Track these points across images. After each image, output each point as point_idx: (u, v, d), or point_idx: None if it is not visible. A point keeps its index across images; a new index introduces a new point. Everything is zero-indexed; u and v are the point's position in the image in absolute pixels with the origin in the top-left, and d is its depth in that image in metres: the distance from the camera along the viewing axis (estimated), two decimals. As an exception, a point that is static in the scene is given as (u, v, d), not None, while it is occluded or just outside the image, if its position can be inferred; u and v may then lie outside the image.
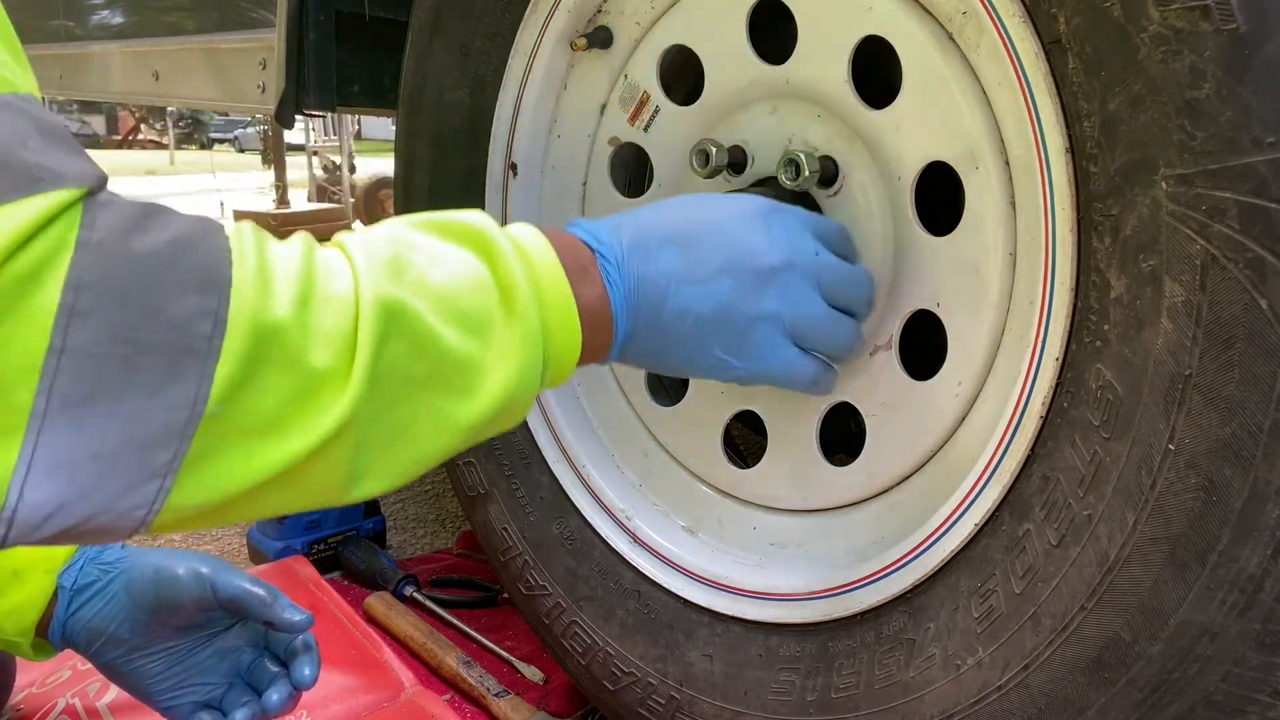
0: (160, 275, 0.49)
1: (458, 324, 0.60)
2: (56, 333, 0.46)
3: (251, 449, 0.53)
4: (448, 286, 0.60)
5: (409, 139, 1.23)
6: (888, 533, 0.91)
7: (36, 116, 0.49)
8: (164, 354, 0.49)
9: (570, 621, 1.11)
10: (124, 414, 0.48)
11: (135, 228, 0.50)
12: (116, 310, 0.47)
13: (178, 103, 2.18)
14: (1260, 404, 0.60)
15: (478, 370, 0.61)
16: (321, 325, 0.54)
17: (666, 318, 0.72)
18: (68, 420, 0.47)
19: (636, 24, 1.06)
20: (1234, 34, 0.58)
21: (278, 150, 7.57)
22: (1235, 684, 0.64)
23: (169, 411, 0.49)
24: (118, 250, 0.48)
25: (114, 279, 0.48)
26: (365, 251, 0.59)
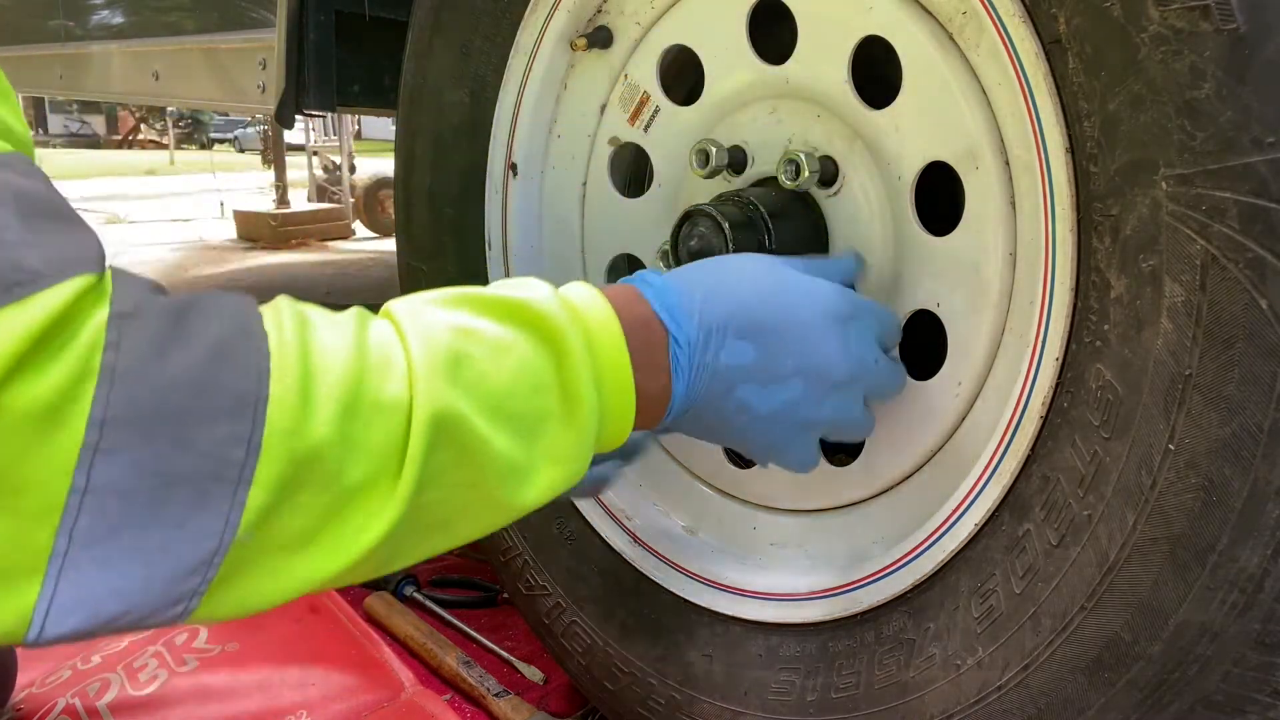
0: (192, 402, 0.46)
1: (511, 429, 0.57)
2: (80, 473, 0.43)
3: (281, 568, 0.51)
4: (506, 387, 0.57)
5: (409, 139, 1.23)
6: (888, 533, 0.91)
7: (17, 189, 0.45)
8: (193, 485, 0.46)
9: (570, 621, 1.11)
10: (148, 548, 0.46)
11: (165, 343, 0.46)
12: (145, 445, 0.44)
13: (178, 103, 2.18)
14: (1260, 404, 0.60)
15: (525, 473, 0.59)
16: (366, 439, 0.51)
17: (723, 409, 0.70)
18: (90, 557, 0.44)
19: (636, 24, 1.06)
20: (1234, 34, 0.58)
21: (278, 150, 7.57)
22: (1235, 684, 0.64)
23: (196, 543, 0.47)
24: (147, 377, 0.45)
25: (143, 411, 0.44)
26: (423, 340, 0.55)
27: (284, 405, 0.48)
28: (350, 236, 6.74)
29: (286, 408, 0.48)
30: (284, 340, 0.50)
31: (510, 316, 0.59)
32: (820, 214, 0.93)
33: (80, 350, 0.43)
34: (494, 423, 0.56)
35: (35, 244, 0.44)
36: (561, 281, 1.09)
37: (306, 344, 0.50)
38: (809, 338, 0.72)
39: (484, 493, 0.57)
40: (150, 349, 0.45)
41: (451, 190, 1.20)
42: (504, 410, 0.57)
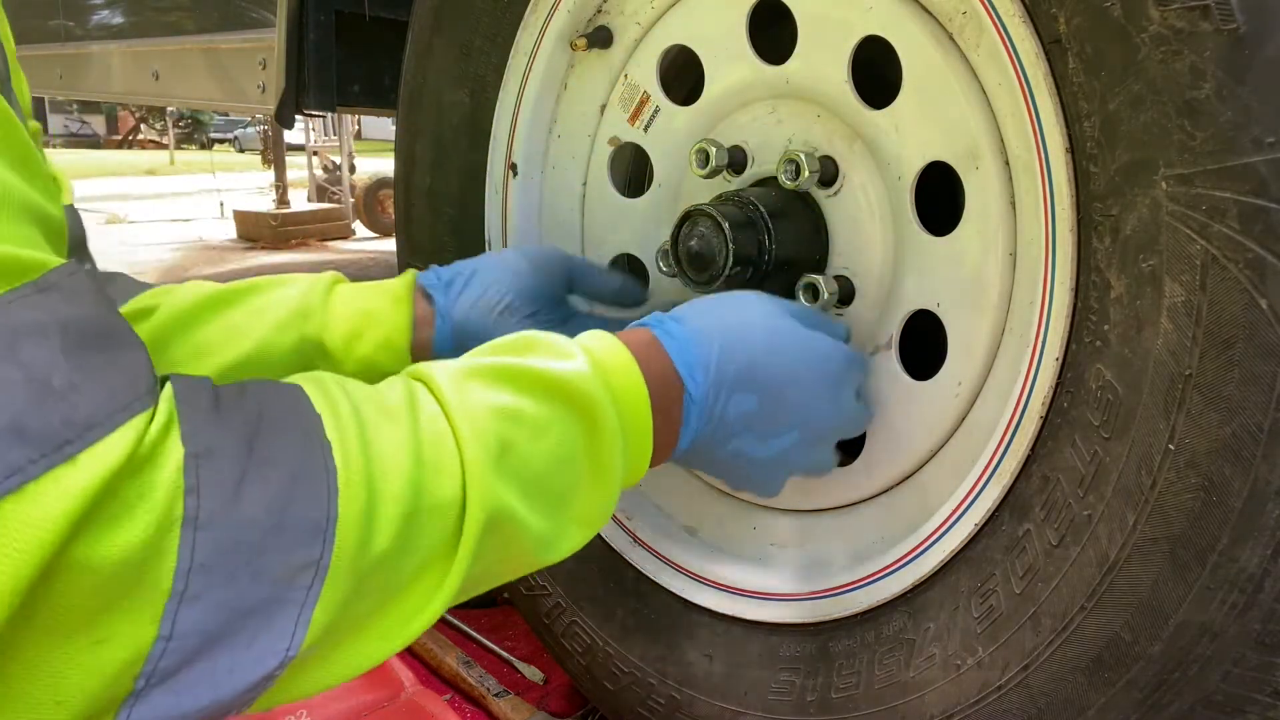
0: (269, 539, 0.47)
1: (545, 505, 0.61)
2: (165, 621, 0.44)
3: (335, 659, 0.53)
4: (545, 468, 0.60)
5: (409, 139, 1.23)
6: (888, 533, 0.91)
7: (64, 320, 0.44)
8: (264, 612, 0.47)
9: (570, 621, 1.11)
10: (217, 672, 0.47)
11: (242, 481, 0.46)
12: (226, 586, 0.45)
13: (178, 103, 2.18)
14: (1260, 404, 0.60)
15: (555, 540, 0.62)
16: (422, 539, 0.54)
17: (718, 452, 0.75)
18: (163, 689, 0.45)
19: (636, 24, 1.06)
20: (1234, 34, 0.58)
21: (278, 150, 7.57)
22: (1235, 684, 0.64)
23: (261, 661, 0.48)
24: (229, 520, 0.45)
25: (225, 553, 0.45)
26: (472, 429, 0.57)
27: (351, 526, 0.50)
28: (350, 236, 6.74)
29: (353, 528, 0.50)
30: (348, 454, 0.51)
31: (549, 394, 0.62)
32: (820, 214, 0.93)
33: (161, 500, 0.43)
34: (532, 504, 0.59)
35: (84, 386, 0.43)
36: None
37: (369, 454, 0.52)
38: (809, 397, 0.78)
39: (517, 562, 0.62)
40: (229, 490, 0.46)
41: (451, 190, 1.20)
42: (542, 490, 0.60)
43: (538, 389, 0.62)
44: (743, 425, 0.74)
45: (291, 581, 0.48)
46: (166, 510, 0.43)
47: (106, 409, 0.43)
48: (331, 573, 0.49)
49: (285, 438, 0.49)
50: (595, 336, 0.69)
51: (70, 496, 0.40)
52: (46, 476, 0.40)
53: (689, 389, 0.70)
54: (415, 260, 1.25)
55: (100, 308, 0.46)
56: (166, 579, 0.43)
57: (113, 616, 0.43)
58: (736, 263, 0.89)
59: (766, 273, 0.90)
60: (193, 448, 0.45)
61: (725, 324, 0.75)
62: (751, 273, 0.91)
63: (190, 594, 0.44)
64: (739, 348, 0.73)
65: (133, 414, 0.43)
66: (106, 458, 0.42)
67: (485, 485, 0.56)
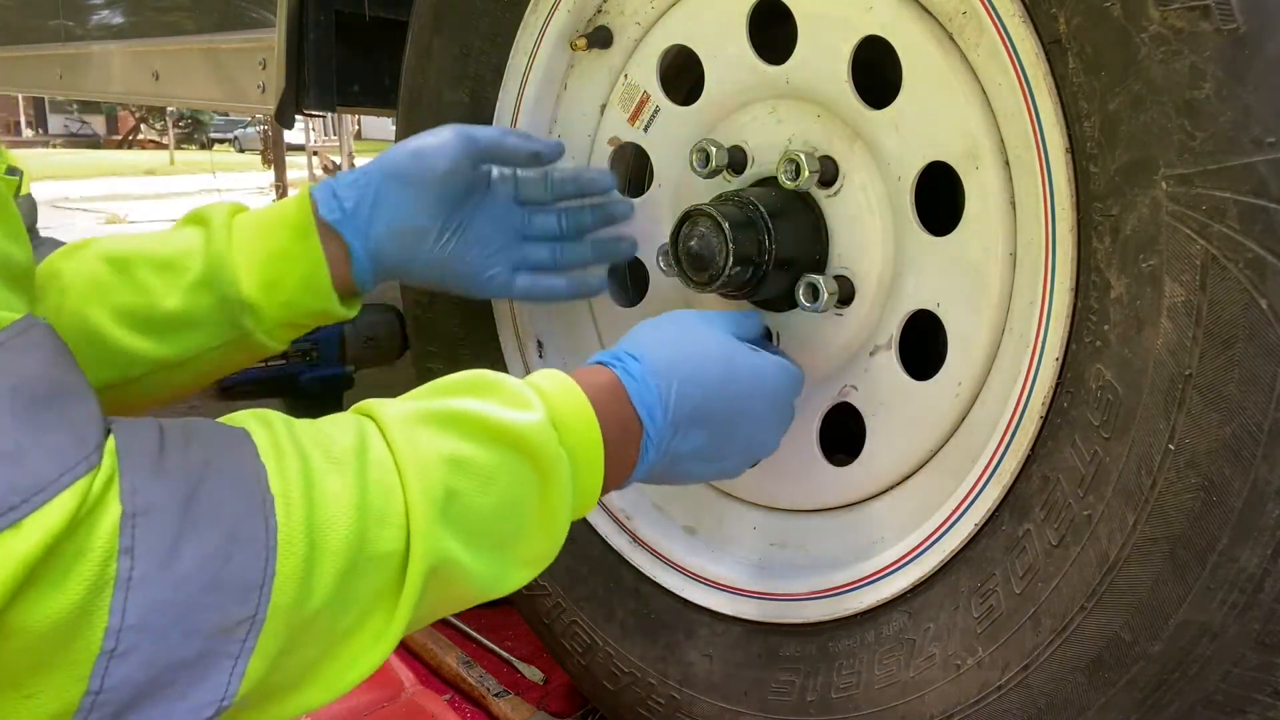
0: (203, 597, 0.47)
1: (491, 552, 0.61)
2: (95, 677, 0.44)
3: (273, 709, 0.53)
4: (491, 515, 0.61)
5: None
6: (887, 533, 0.91)
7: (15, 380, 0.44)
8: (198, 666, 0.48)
9: (570, 621, 1.11)
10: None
11: (178, 539, 0.47)
12: (158, 644, 0.46)
13: (178, 103, 2.18)
14: (1260, 404, 0.60)
15: (499, 581, 0.63)
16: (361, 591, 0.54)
17: (667, 475, 0.78)
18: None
19: (636, 24, 1.06)
20: (1234, 34, 0.58)
21: (278, 150, 7.56)
22: (1235, 684, 0.64)
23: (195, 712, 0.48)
24: (162, 580, 0.46)
25: (157, 613, 0.46)
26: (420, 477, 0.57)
27: (289, 581, 0.50)
28: (350, 236, 6.73)
29: (291, 583, 0.50)
30: (291, 508, 0.51)
31: (501, 443, 0.62)
32: (820, 214, 0.93)
33: (94, 561, 0.44)
34: (477, 551, 0.60)
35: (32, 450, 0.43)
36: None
37: (312, 505, 0.52)
38: (757, 426, 0.83)
39: (460, 602, 0.63)
40: (165, 550, 0.46)
41: (451, 190, 1.20)
42: (487, 536, 0.61)
43: (489, 438, 0.62)
44: (692, 456, 0.77)
45: (227, 636, 0.48)
46: (100, 571, 0.44)
47: (54, 471, 0.43)
48: (267, 627, 0.49)
49: (227, 492, 0.50)
50: (554, 381, 0.69)
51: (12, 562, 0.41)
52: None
53: (647, 429, 0.72)
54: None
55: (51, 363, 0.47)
56: (97, 638, 0.44)
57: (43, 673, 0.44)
58: (736, 263, 0.89)
59: (766, 273, 0.90)
60: (130, 507, 0.46)
61: (683, 357, 0.77)
62: (751, 273, 0.91)
63: (120, 651, 0.45)
64: (695, 383, 0.76)
65: (78, 475, 0.44)
66: (49, 522, 0.42)
67: (429, 536, 0.56)
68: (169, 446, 0.50)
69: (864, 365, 0.93)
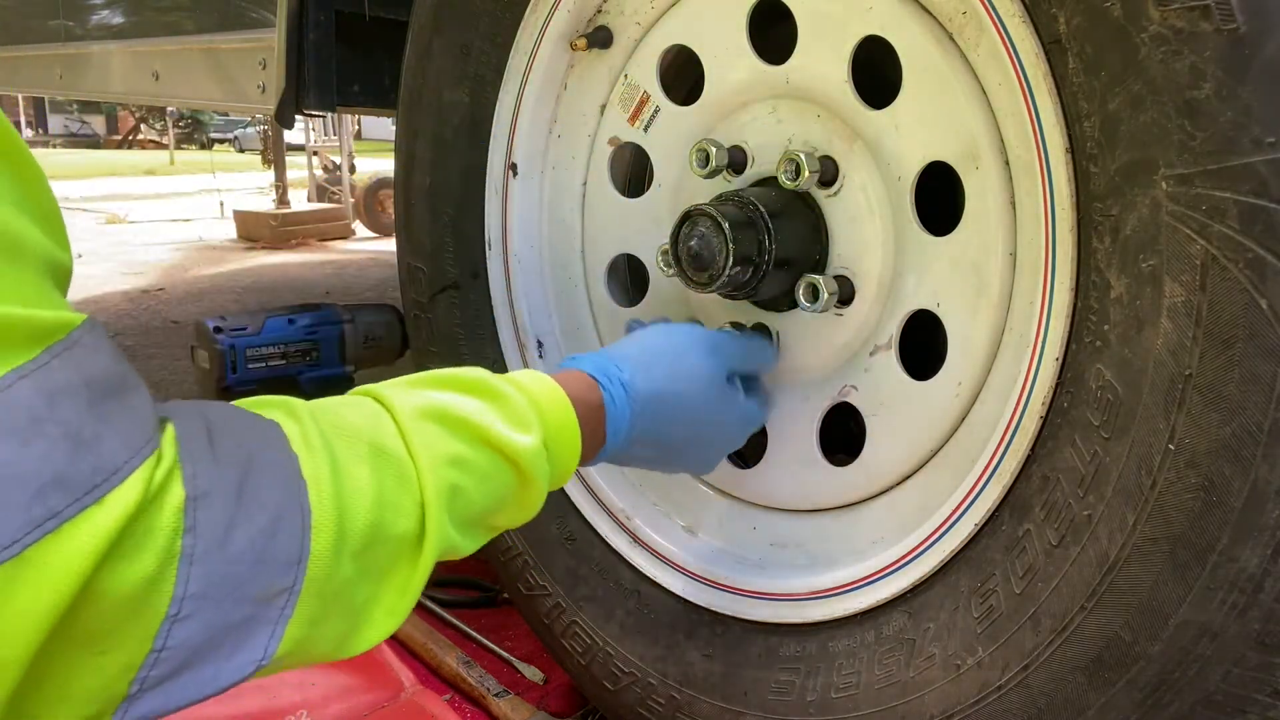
0: (252, 571, 0.54)
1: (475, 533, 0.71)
2: (159, 638, 0.51)
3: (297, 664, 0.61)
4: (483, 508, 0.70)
5: (409, 139, 1.23)
6: (888, 533, 0.91)
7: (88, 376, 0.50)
8: (244, 629, 0.55)
9: (570, 621, 1.11)
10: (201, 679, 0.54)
11: (232, 521, 0.54)
12: (213, 609, 0.53)
13: (178, 103, 2.18)
14: (1260, 404, 0.60)
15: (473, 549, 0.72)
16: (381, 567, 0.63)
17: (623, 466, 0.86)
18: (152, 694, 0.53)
19: (636, 24, 1.06)
20: (1234, 34, 0.58)
21: (278, 150, 7.56)
22: (1235, 684, 0.64)
23: (239, 669, 0.56)
24: (220, 555, 0.53)
25: (214, 583, 0.52)
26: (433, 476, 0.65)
27: (322, 558, 0.58)
28: (350, 236, 6.73)
29: (323, 560, 0.58)
30: (321, 494, 0.59)
31: (500, 455, 0.70)
32: (820, 214, 0.93)
33: (164, 537, 0.50)
34: (466, 534, 0.70)
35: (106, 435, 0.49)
36: (561, 282, 1.11)
37: (340, 491, 0.60)
38: (702, 452, 0.90)
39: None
40: (221, 530, 0.53)
41: (451, 190, 1.20)
42: (475, 523, 0.71)
43: (491, 449, 0.70)
44: (631, 459, 0.85)
45: (269, 604, 0.56)
46: (168, 547, 0.50)
47: (124, 454, 0.49)
48: (303, 596, 0.57)
49: (268, 479, 0.57)
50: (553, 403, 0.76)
51: (99, 534, 0.47)
52: (80, 517, 0.47)
53: (609, 443, 0.80)
54: (415, 260, 1.25)
55: (113, 358, 0.53)
56: (164, 604, 0.51)
57: (116, 632, 0.50)
58: (736, 263, 0.89)
59: (766, 273, 0.90)
60: (192, 491, 0.52)
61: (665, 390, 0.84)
62: (751, 273, 0.91)
63: (182, 616, 0.51)
64: (665, 415, 0.84)
65: (144, 458, 0.50)
66: (126, 499, 0.48)
67: (440, 526, 0.65)
68: (217, 436, 0.57)
69: (864, 365, 0.93)
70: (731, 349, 0.91)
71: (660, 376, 0.84)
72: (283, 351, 1.51)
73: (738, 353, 0.91)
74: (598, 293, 1.16)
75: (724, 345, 0.90)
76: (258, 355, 1.50)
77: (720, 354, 0.88)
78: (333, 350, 1.56)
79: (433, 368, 1.24)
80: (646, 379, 0.83)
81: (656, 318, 1.03)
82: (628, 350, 0.85)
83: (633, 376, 0.82)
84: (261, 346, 1.50)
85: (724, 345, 0.90)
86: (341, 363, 1.58)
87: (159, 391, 2.64)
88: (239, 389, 1.50)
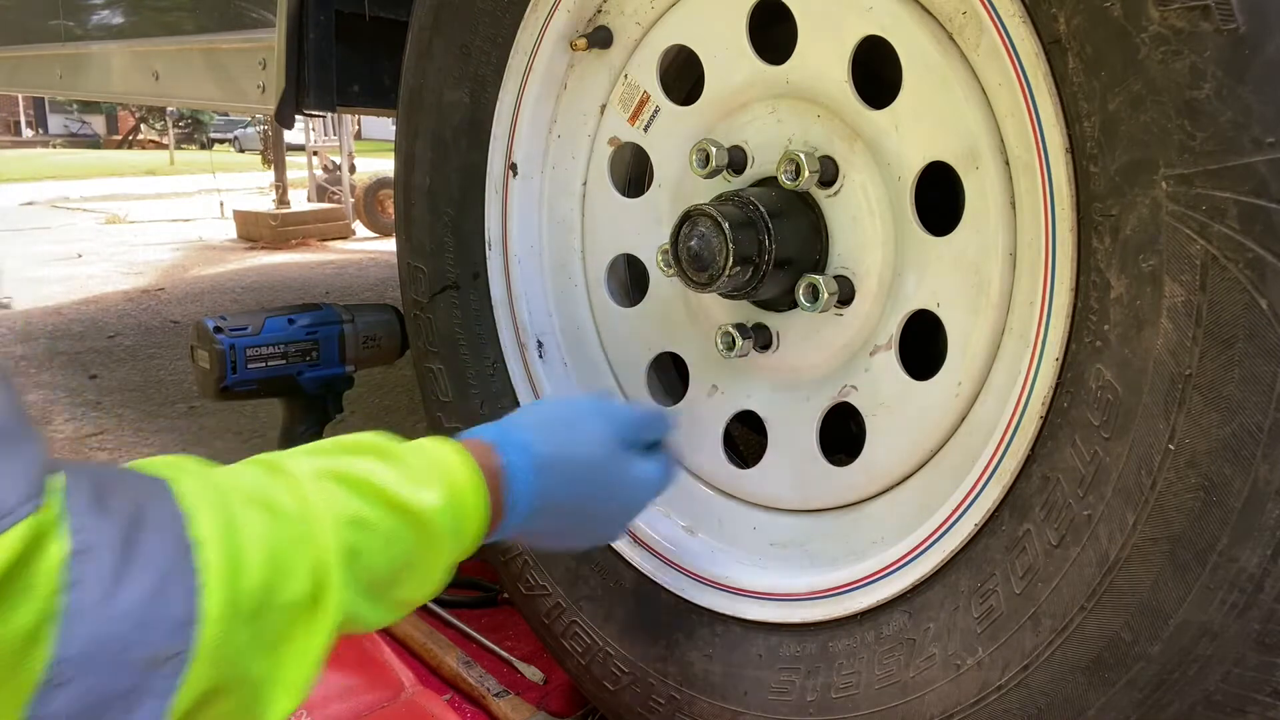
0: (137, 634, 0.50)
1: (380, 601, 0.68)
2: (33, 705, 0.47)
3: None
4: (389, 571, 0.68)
5: (409, 139, 1.23)
6: (887, 533, 0.91)
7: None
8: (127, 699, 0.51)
9: (570, 621, 1.11)
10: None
11: (117, 577, 0.50)
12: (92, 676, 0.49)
13: (178, 103, 2.18)
14: (1260, 404, 0.60)
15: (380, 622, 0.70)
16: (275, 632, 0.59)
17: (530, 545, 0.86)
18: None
19: (636, 24, 1.06)
20: (1234, 34, 0.58)
21: (278, 150, 7.56)
22: (1235, 684, 0.64)
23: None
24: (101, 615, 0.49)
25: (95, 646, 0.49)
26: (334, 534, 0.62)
27: (213, 622, 0.54)
28: (350, 236, 6.73)
29: (215, 624, 0.54)
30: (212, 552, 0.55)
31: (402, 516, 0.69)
32: (820, 214, 0.93)
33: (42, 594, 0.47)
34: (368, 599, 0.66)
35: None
36: (561, 282, 1.10)
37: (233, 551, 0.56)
38: (601, 526, 0.90)
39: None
40: (104, 587, 0.50)
41: (451, 190, 1.20)
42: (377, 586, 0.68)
43: (392, 509, 0.68)
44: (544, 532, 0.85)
45: (155, 671, 0.52)
46: (47, 603, 0.47)
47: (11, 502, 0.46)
48: (194, 664, 0.53)
49: (157, 537, 0.53)
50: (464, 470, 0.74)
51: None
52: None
53: (511, 510, 0.78)
54: (415, 260, 1.25)
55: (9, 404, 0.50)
56: (39, 667, 0.47)
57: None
58: (736, 263, 0.89)
59: (766, 273, 0.90)
60: (76, 544, 0.49)
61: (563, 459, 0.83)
62: (751, 273, 0.91)
63: (58, 681, 0.47)
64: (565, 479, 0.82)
65: (31, 510, 0.47)
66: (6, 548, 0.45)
67: (339, 588, 0.62)
68: (105, 490, 0.53)
69: (864, 365, 0.93)
70: (626, 416, 0.90)
71: (558, 441, 0.83)
72: (283, 351, 1.51)
73: (633, 420, 0.90)
74: (598, 293, 1.16)
75: (619, 413, 0.90)
76: (258, 355, 1.49)
77: (616, 421, 0.88)
78: (333, 350, 1.56)
79: (433, 367, 1.24)
80: (544, 443, 0.82)
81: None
82: (524, 419, 0.86)
83: (531, 442, 0.81)
84: (261, 346, 1.50)
85: (619, 413, 0.90)
86: (341, 363, 1.58)
87: (159, 391, 2.65)
88: (239, 389, 1.50)
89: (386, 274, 4.86)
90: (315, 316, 1.57)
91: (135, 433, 2.35)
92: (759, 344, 0.99)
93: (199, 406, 2.52)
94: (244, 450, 2.23)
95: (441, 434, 0.79)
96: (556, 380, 1.18)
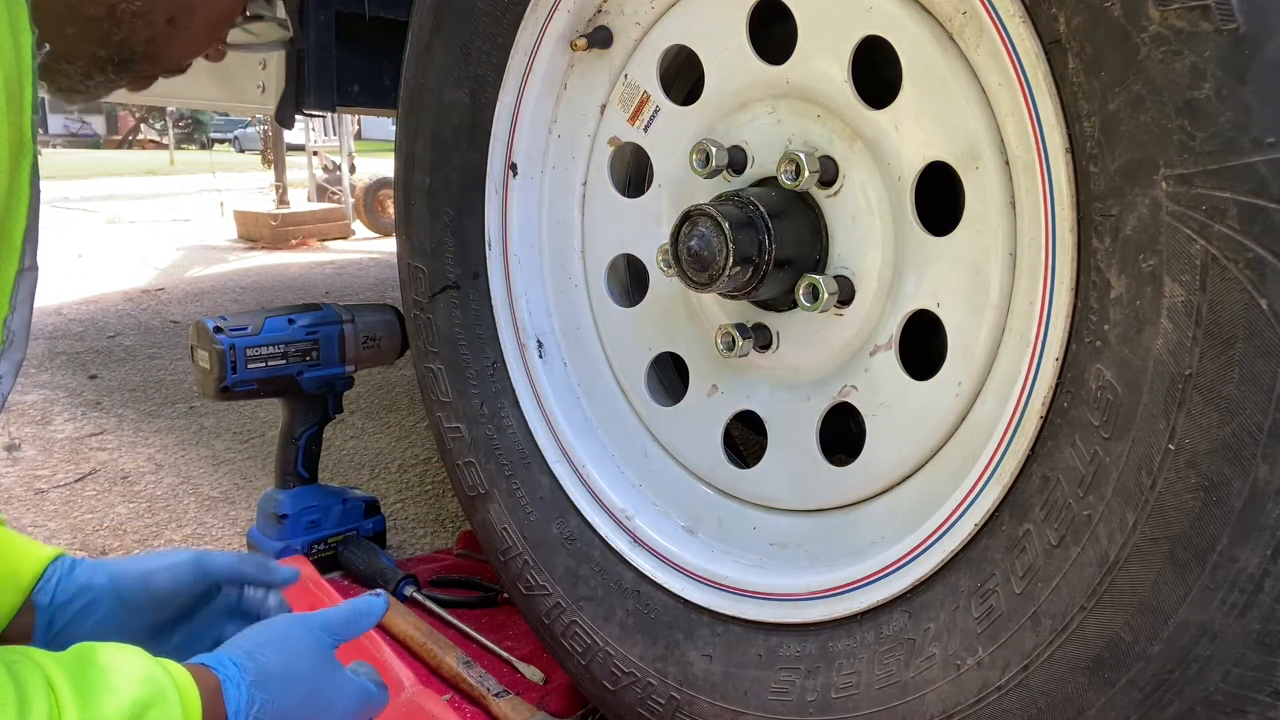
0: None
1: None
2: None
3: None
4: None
5: (409, 139, 1.23)
6: (887, 533, 0.91)
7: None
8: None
9: (570, 621, 1.11)
10: None
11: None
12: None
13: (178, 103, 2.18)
14: (1260, 404, 0.60)
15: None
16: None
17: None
18: None
19: (636, 24, 1.06)
20: (1234, 34, 0.58)
21: (278, 150, 7.56)
22: (1235, 684, 0.64)
23: None
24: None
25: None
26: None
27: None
28: (350, 236, 6.73)
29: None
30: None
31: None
32: (820, 214, 0.93)
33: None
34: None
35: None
36: (561, 282, 1.10)
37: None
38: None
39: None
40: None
41: (451, 190, 1.20)
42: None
43: None
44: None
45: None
46: None
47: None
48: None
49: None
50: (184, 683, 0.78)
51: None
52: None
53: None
54: (415, 260, 1.25)
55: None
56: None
57: None
58: (736, 263, 0.89)
59: (766, 273, 0.90)
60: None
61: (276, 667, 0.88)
62: (751, 273, 0.91)
63: None
64: (280, 688, 0.87)
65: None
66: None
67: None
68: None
69: (864, 365, 0.93)
70: (329, 619, 0.95)
71: (271, 654, 0.89)
72: (283, 351, 1.51)
73: (337, 620, 0.95)
74: (598, 293, 1.16)
75: (322, 618, 0.95)
76: (257, 355, 1.49)
77: (321, 626, 0.94)
78: (332, 350, 1.56)
79: (433, 367, 1.24)
80: (259, 656, 0.88)
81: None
82: (238, 641, 0.90)
83: (244, 657, 0.87)
84: (261, 346, 1.50)
85: (322, 618, 0.95)
86: (341, 363, 1.58)
87: (159, 391, 2.65)
88: (239, 389, 1.50)
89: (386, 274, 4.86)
90: (315, 316, 1.57)
91: (135, 433, 2.35)
92: (759, 344, 0.99)
93: (199, 406, 2.52)
94: (244, 450, 2.24)
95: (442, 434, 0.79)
96: (556, 380, 1.18)
